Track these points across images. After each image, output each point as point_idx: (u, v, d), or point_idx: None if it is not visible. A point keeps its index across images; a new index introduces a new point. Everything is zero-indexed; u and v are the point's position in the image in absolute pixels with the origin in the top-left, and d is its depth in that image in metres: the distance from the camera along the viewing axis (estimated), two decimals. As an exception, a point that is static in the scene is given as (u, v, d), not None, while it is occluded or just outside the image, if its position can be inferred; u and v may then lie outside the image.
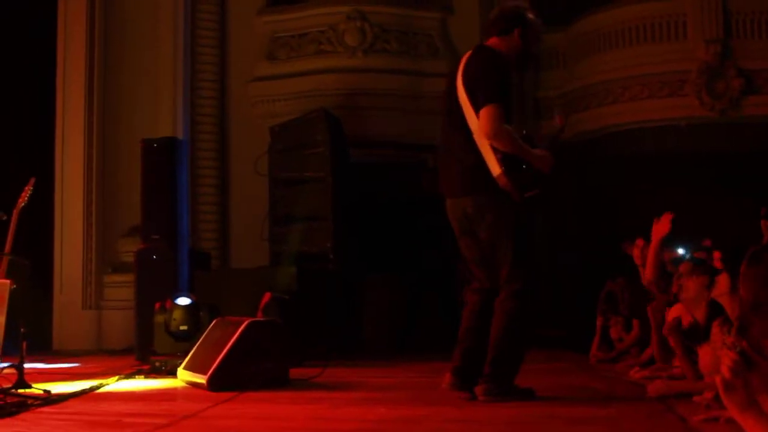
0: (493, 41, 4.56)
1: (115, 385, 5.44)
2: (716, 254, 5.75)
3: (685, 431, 3.39)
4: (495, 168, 4.25)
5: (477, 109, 4.28)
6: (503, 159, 4.23)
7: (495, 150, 4.24)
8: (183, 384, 5.44)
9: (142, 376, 5.87)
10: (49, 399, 4.51)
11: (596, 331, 7.29)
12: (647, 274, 6.12)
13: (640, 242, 6.39)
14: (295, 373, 5.57)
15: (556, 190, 9.20)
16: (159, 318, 6.38)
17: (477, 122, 4.30)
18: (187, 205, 8.29)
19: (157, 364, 6.05)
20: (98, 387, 5.23)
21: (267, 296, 6.90)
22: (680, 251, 6.31)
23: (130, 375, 5.90)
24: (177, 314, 6.32)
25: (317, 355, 6.83)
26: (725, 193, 8.65)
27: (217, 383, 5.03)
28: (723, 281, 4.61)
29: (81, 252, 9.43)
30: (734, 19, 9.39)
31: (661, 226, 5.91)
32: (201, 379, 5.14)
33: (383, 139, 9.99)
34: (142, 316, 7.24)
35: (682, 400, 4.11)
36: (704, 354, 4.59)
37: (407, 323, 9.02)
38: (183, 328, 6.28)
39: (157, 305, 6.46)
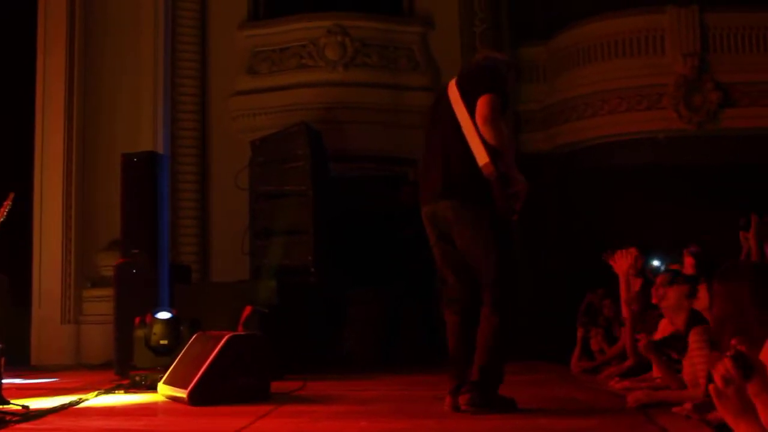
0: None
1: (94, 400, 5.41)
2: (688, 260, 5.83)
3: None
4: (482, 157, 4.27)
5: (474, 101, 4.31)
6: (492, 152, 4.27)
7: (484, 142, 4.27)
8: (163, 399, 5.41)
9: (122, 391, 5.83)
10: (27, 415, 4.48)
11: (576, 342, 7.34)
12: (624, 301, 6.24)
13: (633, 251, 6.49)
14: (276, 386, 5.56)
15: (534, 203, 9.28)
16: (139, 332, 6.34)
17: (468, 121, 4.33)
18: (167, 219, 8.25)
19: (137, 378, 6.01)
20: (77, 402, 5.19)
21: (248, 310, 6.92)
22: (655, 263, 6.40)
23: (109, 390, 5.86)
24: (157, 328, 6.28)
25: (299, 368, 6.88)
26: (703, 205, 8.74)
27: (197, 398, 5.00)
28: (703, 294, 4.67)
29: (60, 266, 9.37)
30: (711, 34, 9.52)
31: (622, 262, 6.04)
32: (182, 393, 5.11)
33: (364, 153, 10.04)
34: (122, 331, 7.18)
35: (662, 411, 4.13)
36: (687, 364, 4.62)
37: (389, 336, 9.02)
38: (163, 342, 6.24)
39: (137, 320, 6.42)
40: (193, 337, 5.67)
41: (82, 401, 5.25)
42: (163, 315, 6.36)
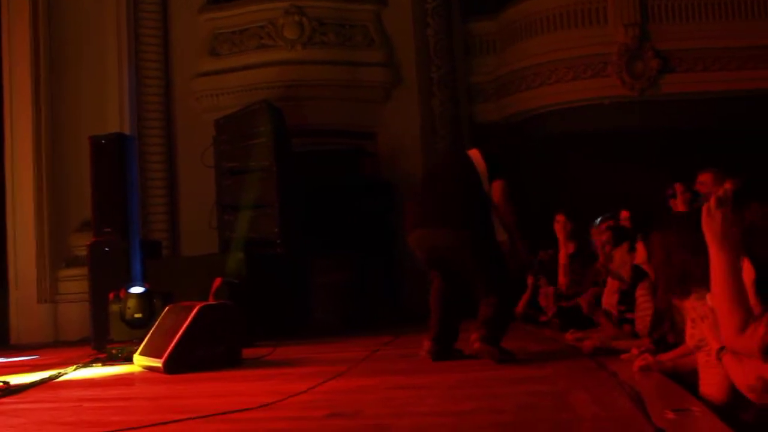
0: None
1: (73, 374, 5.47)
2: (624, 213, 6.22)
3: (616, 384, 3.61)
4: (500, 234, 5.21)
5: (490, 180, 5.18)
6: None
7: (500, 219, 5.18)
8: (140, 369, 5.53)
9: (100, 364, 5.92)
10: (8, 390, 4.55)
11: (527, 289, 7.72)
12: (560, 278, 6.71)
13: (560, 218, 6.88)
14: (247, 353, 5.72)
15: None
16: (114, 307, 6.48)
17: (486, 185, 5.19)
18: (137, 198, 8.40)
19: (114, 351, 6.12)
20: (57, 376, 5.26)
21: (218, 281, 7.07)
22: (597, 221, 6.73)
23: (87, 363, 5.91)
24: (131, 303, 6.43)
25: (269, 336, 6.99)
26: (646, 167, 9.03)
27: (172, 366, 5.15)
28: (641, 249, 5.04)
29: (34, 248, 9.56)
30: (650, 4, 9.83)
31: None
32: (157, 363, 5.25)
33: (324, 128, 10.23)
34: (97, 307, 7.36)
35: (613, 358, 4.39)
36: (638, 317, 4.93)
37: (354, 302, 9.28)
38: (137, 315, 6.38)
39: (112, 295, 6.57)
40: (166, 308, 5.81)
41: (61, 375, 5.32)
42: (137, 289, 6.51)
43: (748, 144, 8.77)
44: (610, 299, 5.56)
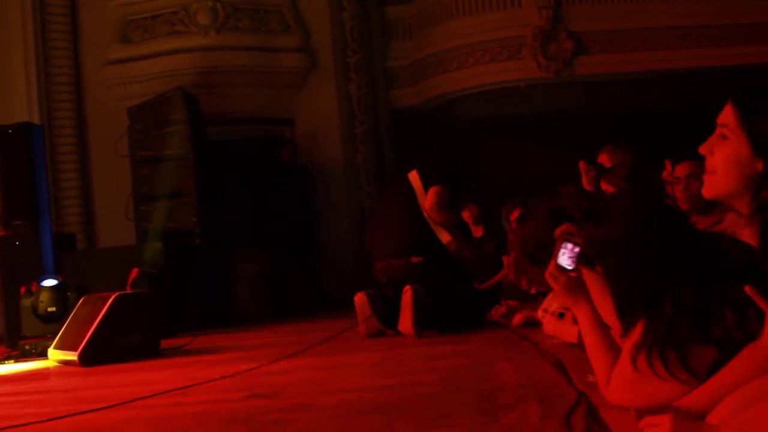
0: None
1: None
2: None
3: (538, 353, 3.72)
4: (445, 236, 5.54)
5: (426, 190, 5.55)
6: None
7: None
8: (55, 363, 5.42)
9: (12, 361, 5.80)
10: None
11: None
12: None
13: (474, 208, 7.06)
14: (167, 343, 5.66)
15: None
16: (25, 301, 6.29)
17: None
18: (46, 189, 8.10)
19: (27, 347, 5.99)
20: None
21: (134, 272, 7.00)
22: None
23: None
24: (44, 296, 6.24)
25: (189, 327, 6.99)
26: (565, 149, 9.17)
27: (88, 358, 5.05)
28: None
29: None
30: (564, -13, 10.01)
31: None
32: (72, 356, 5.13)
33: (241, 115, 10.11)
34: (9, 303, 7.14)
35: (536, 330, 4.54)
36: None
37: (275, 290, 9.27)
38: (51, 309, 6.20)
39: (23, 289, 6.38)
40: (81, 300, 5.68)
41: (-27, 375, 5.15)
42: (49, 282, 6.32)
43: (661, 123, 8.98)
44: None
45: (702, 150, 2.14)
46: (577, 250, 2.58)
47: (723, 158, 2.10)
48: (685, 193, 4.10)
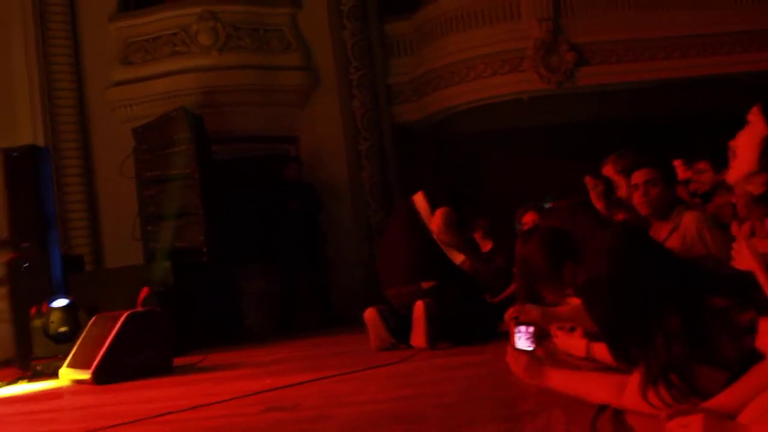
0: None
1: None
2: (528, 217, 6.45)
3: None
4: (457, 257, 5.58)
5: (433, 212, 5.58)
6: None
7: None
8: (68, 382, 5.44)
9: (25, 381, 5.83)
10: None
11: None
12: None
13: (482, 222, 7.08)
14: (179, 361, 5.69)
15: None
16: (36, 322, 6.30)
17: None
18: (53, 210, 8.14)
19: (39, 368, 6.04)
20: None
21: (145, 291, 6.95)
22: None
23: (11, 381, 5.82)
24: (55, 317, 6.25)
25: (200, 344, 7.03)
26: (568, 161, 9.17)
27: (102, 376, 5.09)
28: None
29: (-51, 270, 9.22)
30: (563, -1, 10.06)
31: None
32: (85, 374, 5.17)
33: (244, 134, 10.12)
34: (20, 325, 7.13)
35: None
36: None
37: (285, 306, 9.29)
38: (62, 329, 6.22)
39: (33, 310, 6.39)
40: (92, 319, 5.70)
41: (-17, 397, 5.17)
42: (60, 302, 6.33)
43: (665, 132, 9.00)
44: None
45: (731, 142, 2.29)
46: (531, 329, 2.88)
47: (743, 138, 2.29)
48: (644, 198, 4.15)
